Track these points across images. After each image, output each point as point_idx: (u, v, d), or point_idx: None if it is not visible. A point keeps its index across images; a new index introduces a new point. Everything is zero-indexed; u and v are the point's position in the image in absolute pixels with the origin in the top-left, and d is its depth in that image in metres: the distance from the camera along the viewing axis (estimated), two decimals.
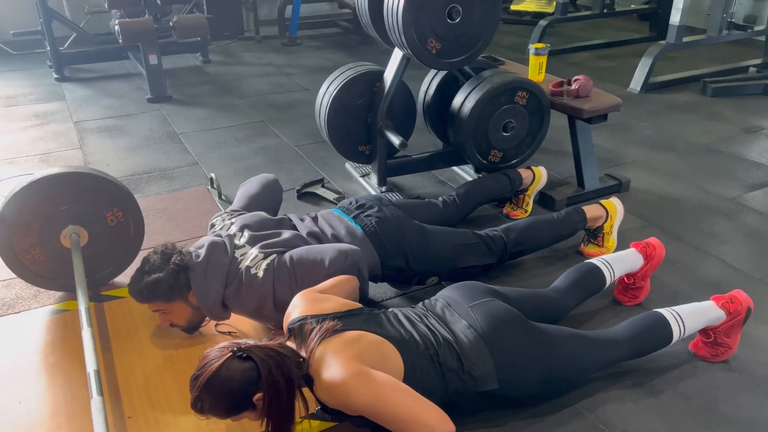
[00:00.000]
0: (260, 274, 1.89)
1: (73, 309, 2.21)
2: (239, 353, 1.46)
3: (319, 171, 3.38)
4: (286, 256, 1.94)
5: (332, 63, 5.52)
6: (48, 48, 4.94)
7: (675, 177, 3.30)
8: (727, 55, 5.45)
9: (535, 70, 3.14)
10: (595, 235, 2.56)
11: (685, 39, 4.70)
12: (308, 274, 1.89)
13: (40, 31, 4.97)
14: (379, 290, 2.36)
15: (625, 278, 2.25)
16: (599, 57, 5.67)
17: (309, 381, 1.50)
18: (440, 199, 2.62)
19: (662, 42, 4.72)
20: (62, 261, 2.19)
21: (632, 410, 1.82)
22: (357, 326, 1.59)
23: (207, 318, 2.03)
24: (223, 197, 3.03)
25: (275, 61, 5.59)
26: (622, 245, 2.55)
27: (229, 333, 2.08)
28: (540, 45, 3.11)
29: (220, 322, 2.09)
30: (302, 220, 2.23)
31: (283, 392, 1.44)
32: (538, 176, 2.88)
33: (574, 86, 2.91)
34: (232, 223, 2.12)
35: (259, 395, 1.45)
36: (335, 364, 1.46)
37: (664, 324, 1.87)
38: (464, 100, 2.78)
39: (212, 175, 3.08)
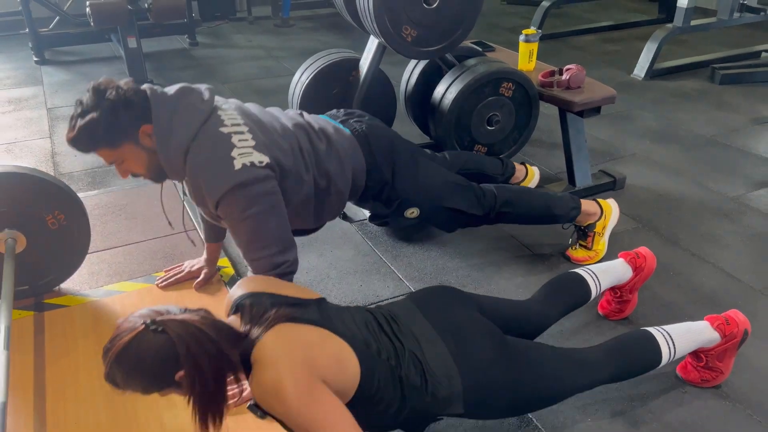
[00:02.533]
0: (238, 162, 1.61)
1: (13, 319, 2.05)
2: (152, 326, 1.24)
3: None
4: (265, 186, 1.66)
5: (324, 45, 5.29)
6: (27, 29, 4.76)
7: (675, 173, 3.08)
8: (738, 39, 5.17)
9: (525, 58, 2.92)
10: (586, 234, 2.37)
11: (694, 22, 4.44)
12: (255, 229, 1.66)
13: (21, 11, 4.78)
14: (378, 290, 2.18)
15: (611, 291, 2.06)
16: (604, 40, 5.40)
17: (247, 366, 1.31)
18: (430, 152, 2.40)
19: (669, 25, 4.46)
20: None
21: None
22: (317, 321, 1.39)
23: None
24: (185, 193, 2.84)
25: (265, 44, 5.38)
26: (612, 248, 2.36)
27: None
28: (530, 31, 2.88)
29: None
30: (286, 112, 1.97)
31: (206, 373, 1.25)
32: (530, 175, 2.68)
33: (565, 76, 2.69)
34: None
35: (181, 374, 1.25)
36: (283, 364, 1.25)
37: (652, 344, 1.68)
38: (446, 90, 2.58)
39: None
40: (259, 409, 1.34)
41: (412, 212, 2.11)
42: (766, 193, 2.88)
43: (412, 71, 2.91)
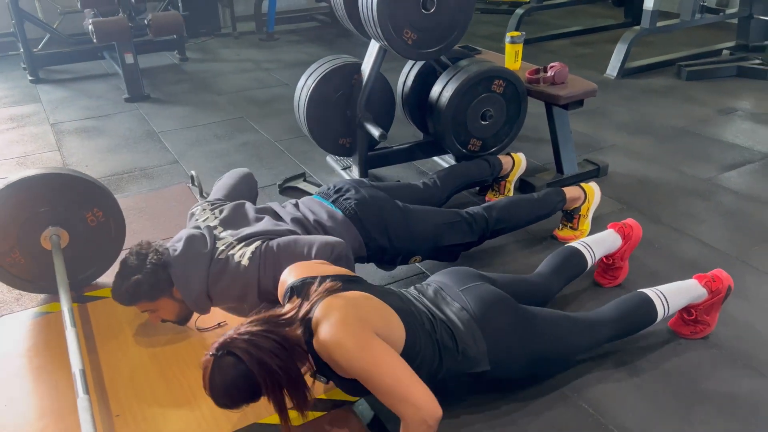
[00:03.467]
0: (245, 262, 1.88)
1: (56, 311, 2.20)
2: (219, 353, 1.44)
3: (301, 165, 3.38)
4: (273, 243, 1.93)
5: (311, 57, 5.50)
6: (21, 50, 4.88)
7: (652, 160, 3.35)
8: (700, 39, 5.51)
9: (512, 58, 3.16)
10: (571, 216, 2.59)
11: (659, 24, 4.75)
12: (292, 263, 1.89)
13: (13, 33, 4.90)
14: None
15: (605, 259, 2.28)
16: (576, 44, 5.71)
17: (309, 334, 1.49)
18: (421, 181, 2.63)
19: (637, 27, 4.77)
20: (43, 263, 2.18)
21: (616, 390, 1.85)
22: (363, 290, 1.59)
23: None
24: (204, 194, 3.01)
25: (253, 57, 5.56)
26: (599, 228, 2.58)
27: (218, 325, 2.08)
28: (515, 33, 3.13)
29: (202, 326, 2.09)
30: (284, 207, 2.23)
31: (280, 370, 1.42)
32: (517, 162, 2.91)
33: (550, 73, 2.93)
34: (213, 215, 2.11)
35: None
36: (338, 321, 1.45)
37: (649, 304, 1.91)
38: (442, 89, 2.80)
39: (193, 172, 3.06)
40: (323, 375, 1.55)
41: (415, 259, 2.32)
42: (735, 175, 3.15)
43: (407, 74, 3.13)
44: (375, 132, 2.75)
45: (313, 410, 1.74)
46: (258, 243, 1.94)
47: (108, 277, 2.36)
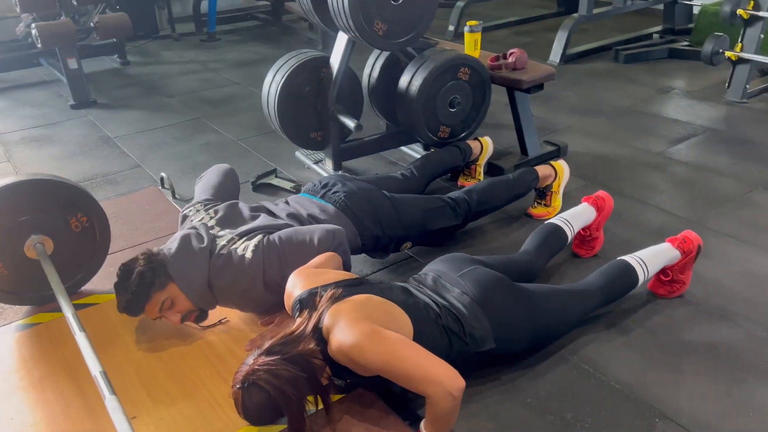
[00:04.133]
0: (248, 255, 1.90)
1: (44, 321, 2.14)
2: (245, 385, 1.50)
3: (269, 162, 3.37)
4: (274, 236, 1.96)
5: (257, 56, 5.47)
6: None
7: (607, 138, 3.53)
8: (630, 25, 5.80)
9: (471, 46, 3.26)
10: (544, 194, 2.72)
11: (595, 11, 4.98)
12: (297, 253, 1.92)
13: None
14: (363, 268, 2.41)
15: (582, 231, 2.41)
16: (516, 33, 5.91)
17: (323, 343, 1.55)
18: (399, 173, 2.70)
19: (575, 15, 4.98)
20: (29, 273, 2.11)
21: (609, 349, 1.97)
22: (364, 291, 1.65)
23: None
24: (177, 196, 2.97)
25: (198, 58, 5.47)
26: (568, 204, 2.71)
27: (220, 322, 2.08)
28: (473, 23, 3.24)
29: (205, 324, 2.08)
30: (276, 204, 2.26)
31: (294, 395, 1.50)
32: (485, 146, 3.02)
33: (511, 59, 3.05)
34: (209, 215, 2.11)
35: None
36: (347, 325, 1.51)
37: (630, 269, 2.04)
38: (411, 79, 2.86)
39: (163, 174, 3.02)
40: (340, 377, 1.60)
41: (406, 245, 2.39)
42: (683, 147, 3.37)
43: (372, 67, 3.18)
44: (351, 123, 2.79)
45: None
46: (260, 236, 1.95)
47: (93, 285, 2.32)
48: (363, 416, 1.71)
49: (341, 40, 2.88)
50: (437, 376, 1.45)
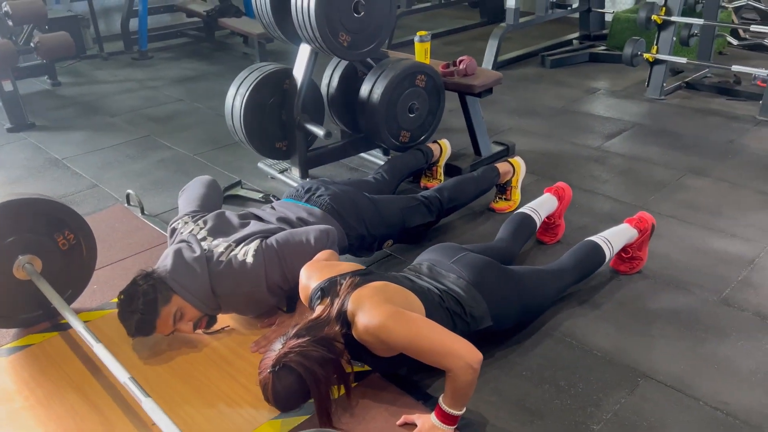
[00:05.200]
0: (249, 259, 1.96)
1: (37, 342, 2.11)
2: (276, 368, 1.57)
3: (231, 175, 3.41)
4: (271, 240, 2.03)
5: (195, 72, 5.45)
6: None
7: (547, 136, 3.80)
8: (550, 32, 6.18)
9: (422, 55, 3.43)
10: (504, 189, 2.92)
11: (521, 20, 5.31)
12: (296, 254, 2.00)
13: None
14: None
15: (546, 219, 2.62)
16: (445, 44, 6.17)
17: (347, 325, 1.65)
18: (371, 176, 2.82)
19: (503, 24, 5.28)
20: (18, 295, 2.08)
21: (585, 322, 2.18)
22: (376, 279, 1.76)
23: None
24: (145, 212, 2.96)
25: (133, 76, 5.38)
26: (525, 198, 2.93)
27: (223, 329, 2.12)
28: (423, 33, 3.41)
29: (208, 329, 2.11)
30: (263, 210, 2.32)
31: (323, 374, 1.59)
32: (444, 148, 3.20)
33: (462, 66, 3.25)
34: (198, 225, 2.15)
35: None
36: (372, 307, 1.62)
37: (597, 248, 2.26)
38: (372, 88, 3.00)
39: (130, 191, 3.00)
40: (358, 360, 1.71)
41: (388, 243, 2.52)
42: (617, 141, 3.69)
43: (331, 77, 3.29)
44: (320, 132, 2.89)
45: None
46: (257, 241, 2.02)
47: (80, 303, 2.30)
48: (378, 398, 1.82)
49: (304, 52, 2.98)
50: (458, 350, 1.58)
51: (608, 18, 5.94)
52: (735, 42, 4.83)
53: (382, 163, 3.42)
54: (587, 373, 1.95)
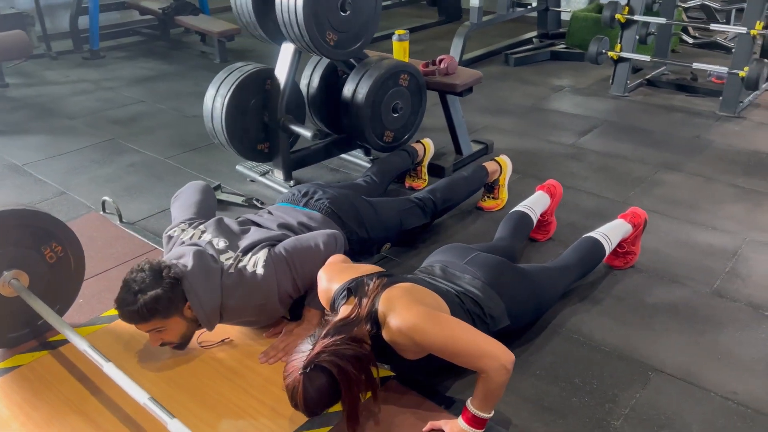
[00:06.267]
0: (260, 270, 1.90)
1: (25, 363, 1.97)
2: (307, 369, 1.51)
3: (207, 179, 3.29)
4: (279, 248, 1.97)
5: (153, 72, 5.26)
6: None
7: (521, 134, 3.84)
8: (509, 31, 6.26)
9: (400, 54, 3.41)
10: (492, 188, 2.93)
11: (483, 18, 5.36)
12: (306, 261, 1.95)
13: None
14: None
15: (539, 217, 2.64)
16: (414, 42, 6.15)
17: (377, 326, 1.61)
18: (361, 179, 2.78)
19: (467, 23, 5.31)
20: (5, 313, 1.94)
21: (589, 318, 2.20)
22: (401, 281, 1.72)
23: (197, 331, 1.97)
24: (123, 220, 2.83)
25: (87, 77, 5.15)
26: (509, 197, 2.96)
27: (222, 341, 2.04)
28: (402, 32, 3.39)
29: (205, 342, 2.03)
30: (260, 216, 2.25)
31: (356, 373, 1.54)
32: (428, 148, 3.18)
33: (443, 65, 3.25)
34: (201, 231, 2.06)
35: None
36: (404, 308, 1.59)
37: (597, 243, 2.29)
38: (356, 87, 2.95)
39: (106, 198, 2.85)
40: (385, 363, 1.67)
41: (386, 246, 2.50)
42: (589, 138, 3.76)
43: (311, 77, 3.23)
44: (307, 133, 2.83)
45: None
46: (265, 250, 1.95)
47: (68, 318, 2.17)
48: (400, 404, 1.79)
49: (287, 51, 2.90)
50: (492, 351, 1.56)
51: (564, 17, 6.09)
52: (690, 40, 5.00)
53: (362, 163, 3.40)
54: (599, 370, 1.97)
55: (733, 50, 4.16)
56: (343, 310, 1.68)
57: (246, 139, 2.99)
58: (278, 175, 3.09)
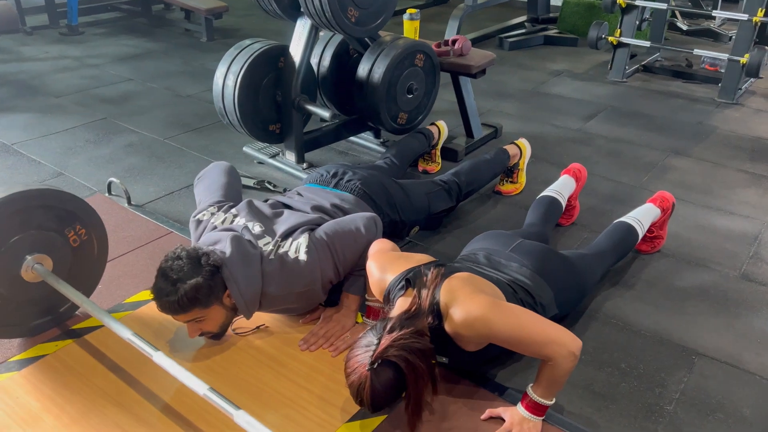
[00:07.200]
0: (302, 257, 1.82)
1: (50, 352, 1.86)
2: (374, 365, 1.44)
3: (211, 160, 3.18)
4: (319, 232, 1.89)
5: (138, 49, 5.06)
6: None
7: (526, 119, 3.81)
8: (499, 15, 6.23)
9: (411, 33, 3.34)
10: (511, 172, 2.90)
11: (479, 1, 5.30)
12: (348, 246, 1.88)
13: None
14: None
15: None
16: (396, 24, 6.06)
17: (439, 317, 1.56)
18: (381, 161, 2.71)
19: (462, 5, 5.24)
20: (29, 300, 1.82)
21: (624, 303, 2.19)
22: (457, 270, 1.67)
23: (234, 319, 1.89)
24: (132, 203, 2.70)
25: (69, 53, 4.92)
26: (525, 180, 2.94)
27: (257, 328, 1.96)
28: (413, 10, 3.32)
29: (238, 328, 1.95)
30: (290, 198, 2.16)
31: (425, 367, 1.49)
32: (442, 130, 3.13)
33: (457, 46, 3.18)
34: (233, 215, 1.97)
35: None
36: (467, 299, 1.54)
37: (631, 228, 2.28)
38: (372, 67, 2.87)
39: (113, 179, 2.72)
40: (443, 355, 1.62)
41: (415, 229, 2.43)
42: (595, 123, 3.76)
43: (321, 56, 3.12)
44: (325, 113, 2.74)
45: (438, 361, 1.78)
46: (306, 235, 1.87)
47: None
48: (454, 393, 1.74)
49: (302, 28, 2.80)
50: (560, 338, 1.53)
51: (554, 2, 6.08)
52: (685, 27, 5.04)
53: (372, 146, 3.32)
54: (642, 354, 1.96)
55: (733, 37, 4.20)
56: (402, 302, 1.62)
57: (258, 120, 2.88)
58: (290, 157, 2.99)
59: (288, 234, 1.90)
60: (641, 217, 2.34)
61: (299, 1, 2.61)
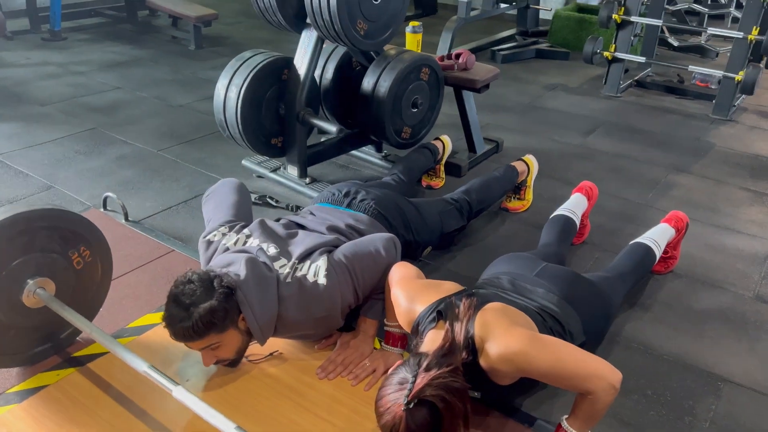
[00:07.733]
0: (322, 281, 1.73)
1: (51, 382, 1.74)
2: (411, 405, 1.35)
3: (210, 174, 3.07)
4: (338, 255, 1.81)
5: (124, 57, 4.92)
6: None
7: (526, 133, 3.78)
8: (489, 28, 6.23)
9: (414, 46, 3.29)
10: (519, 188, 2.85)
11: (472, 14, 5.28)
12: (368, 269, 1.80)
13: None
14: None
15: None
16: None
17: (474, 352, 1.49)
18: (389, 178, 2.65)
19: (454, 17, 5.22)
20: (29, 326, 1.71)
21: (643, 326, 2.15)
22: (488, 299, 1.60)
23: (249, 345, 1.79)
24: (129, 219, 2.59)
25: (52, 59, 4.76)
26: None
27: (271, 355, 1.87)
28: (416, 23, 3.26)
29: (250, 355, 1.85)
30: (303, 217, 2.08)
31: (463, 407, 1.41)
32: (446, 145, 3.07)
33: (462, 60, 3.13)
34: (246, 236, 1.88)
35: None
36: (504, 333, 1.47)
37: (649, 249, 2.24)
38: (377, 80, 2.80)
39: (109, 194, 2.60)
40: (478, 390, 1.54)
41: (428, 250, 2.37)
42: (594, 138, 3.74)
43: (324, 68, 3.04)
44: (331, 128, 2.66)
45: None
46: (325, 257, 1.79)
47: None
48: (485, 426, 1.67)
49: (308, 40, 2.72)
50: (600, 371, 1.46)
51: (543, 15, 6.10)
52: (676, 43, 5.08)
53: (373, 160, 3.26)
54: (668, 380, 1.92)
55: (719, 53, 4.24)
56: (433, 336, 1.54)
57: (260, 133, 2.79)
58: (292, 171, 2.90)
59: (305, 256, 1.81)
60: (657, 237, 2.31)
61: (307, 12, 2.53)
